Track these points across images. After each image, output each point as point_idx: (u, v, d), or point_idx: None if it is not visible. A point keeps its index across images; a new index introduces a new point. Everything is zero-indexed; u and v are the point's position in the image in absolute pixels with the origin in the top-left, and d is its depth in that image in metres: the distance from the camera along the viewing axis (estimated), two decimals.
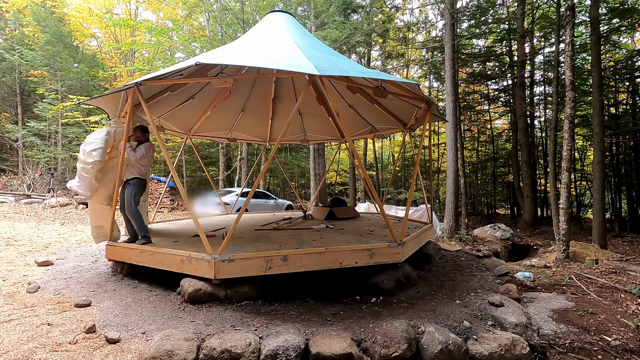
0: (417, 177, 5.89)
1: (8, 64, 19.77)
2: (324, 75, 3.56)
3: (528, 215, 15.08)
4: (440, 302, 3.87)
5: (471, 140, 22.19)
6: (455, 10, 12.83)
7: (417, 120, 6.69)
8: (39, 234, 7.95)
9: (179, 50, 20.67)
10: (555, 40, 12.42)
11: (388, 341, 2.88)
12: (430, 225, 6.24)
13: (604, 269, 6.33)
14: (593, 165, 10.95)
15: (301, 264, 3.76)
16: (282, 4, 17.32)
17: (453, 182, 11.44)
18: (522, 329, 3.36)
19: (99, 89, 20.46)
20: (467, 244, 10.47)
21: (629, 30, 15.05)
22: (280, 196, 22.12)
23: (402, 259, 4.21)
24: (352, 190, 18.76)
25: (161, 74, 4.14)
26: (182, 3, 17.79)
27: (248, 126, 8.50)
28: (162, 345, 2.61)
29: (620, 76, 15.65)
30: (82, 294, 3.79)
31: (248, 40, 5.17)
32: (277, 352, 2.68)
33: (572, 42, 7.82)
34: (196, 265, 3.65)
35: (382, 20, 18.21)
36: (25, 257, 5.52)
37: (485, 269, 5.49)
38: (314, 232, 5.43)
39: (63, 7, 21.79)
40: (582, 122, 16.14)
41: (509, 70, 17.56)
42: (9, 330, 2.89)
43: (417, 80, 22.51)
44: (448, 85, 11.81)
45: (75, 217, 11.69)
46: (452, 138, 11.47)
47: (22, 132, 18.76)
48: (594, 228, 10.53)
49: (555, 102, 10.82)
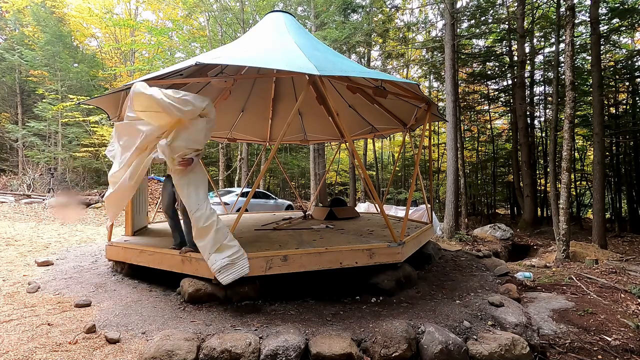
0: (417, 177, 5.89)
1: (8, 64, 19.77)
2: (324, 75, 3.56)
3: (528, 215, 15.08)
4: (440, 302, 3.87)
5: (471, 140, 22.19)
6: (455, 10, 12.84)
7: (417, 120, 6.68)
8: (39, 234, 7.94)
9: (179, 50, 20.68)
10: (555, 40, 12.42)
11: (388, 341, 2.88)
12: (430, 225, 6.24)
13: (604, 269, 6.33)
14: (593, 165, 10.96)
15: (301, 264, 3.76)
16: (282, 4, 17.33)
17: (453, 182, 11.44)
18: (522, 329, 3.36)
19: (99, 89, 20.47)
20: (467, 244, 10.48)
21: (629, 30, 15.07)
22: (280, 196, 22.12)
23: (402, 259, 4.21)
24: (352, 190, 18.77)
25: (161, 74, 4.14)
26: (182, 3, 17.80)
27: (248, 126, 8.50)
28: (162, 345, 2.61)
29: (620, 76, 15.66)
30: (82, 294, 3.79)
31: (248, 40, 5.17)
32: (277, 352, 2.68)
33: (572, 42, 7.83)
34: (196, 265, 3.65)
35: (382, 20, 18.22)
36: (25, 257, 5.52)
37: (485, 269, 5.49)
38: (314, 232, 5.42)
39: (63, 7, 21.80)
40: (582, 122, 16.15)
41: (509, 70, 17.56)
42: (9, 330, 2.89)
43: (417, 80, 22.51)
44: (448, 85, 11.82)
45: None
46: (452, 138, 11.48)
47: (22, 132, 18.76)
48: (594, 228, 10.54)
49: (555, 102, 10.82)
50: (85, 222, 10.71)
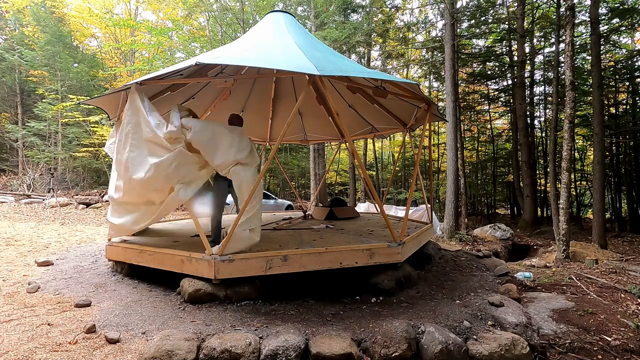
0: (417, 177, 5.89)
1: (8, 64, 19.78)
2: (324, 75, 3.56)
3: (528, 215, 15.08)
4: (440, 302, 3.87)
5: (471, 140, 22.19)
6: (455, 10, 12.84)
7: (417, 120, 6.68)
8: (39, 234, 7.94)
9: (179, 50, 20.68)
10: (555, 40, 12.42)
11: (388, 341, 2.88)
12: (430, 225, 6.24)
13: (604, 268, 6.33)
14: (593, 165, 10.96)
15: (301, 264, 3.75)
16: (282, 4, 17.33)
17: (453, 182, 11.44)
18: (522, 329, 3.35)
19: (99, 89, 20.47)
20: (467, 244, 10.48)
21: (629, 30, 15.07)
22: (280, 196, 22.12)
23: (402, 259, 4.21)
24: (352, 190, 18.77)
25: (161, 74, 4.13)
26: (182, 3, 17.80)
27: (248, 126, 8.39)
28: (162, 345, 2.60)
29: (620, 76, 15.66)
30: (82, 294, 3.79)
31: (248, 40, 5.17)
32: (277, 352, 2.68)
33: (572, 42, 7.83)
34: (196, 265, 3.65)
35: (382, 20, 18.21)
36: (25, 257, 5.52)
37: (485, 269, 5.49)
38: (314, 232, 5.42)
39: (63, 7, 21.81)
40: (582, 122, 16.15)
41: (509, 70, 17.56)
42: (9, 330, 2.89)
43: (417, 80, 22.50)
44: (448, 85, 11.81)
45: (75, 217, 11.68)
46: (452, 138, 11.48)
47: (22, 132, 18.77)
48: (594, 228, 10.54)
49: (555, 102, 10.83)
50: (85, 222, 10.71)
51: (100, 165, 19.06)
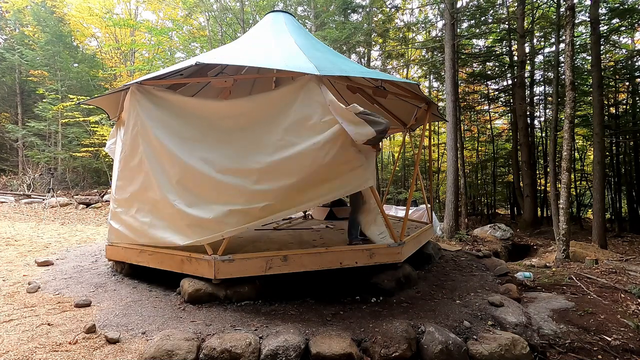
0: (417, 177, 5.89)
1: (8, 64, 19.76)
2: (324, 75, 3.56)
3: (528, 215, 15.07)
4: (440, 302, 3.87)
5: (471, 140, 22.17)
6: (455, 10, 12.83)
7: (417, 120, 6.68)
8: (39, 234, 7.94)
9: (179, 50, 20.69)
10: (555, 40, 12.42)
11: (388, 341, 2.88)
12: (430, 225, 6.24)
13: (604, 269, 6.32)
14: (593, 165, 10.96)
15: (301, 264, 3.76)
16: (282, 3, 17.33)
17: (453, 182, 11.44)
18: (522, 329, 3.36)
19: (99, 89, 20.45)
20: (467, 244, 10.47)
21: (629, 30, 15.06)
22: None
23: (402, 259, 4.21)
24: None
25: (161, 74, 4.14)
26: (182, 3, 17.81)
27: None
28: (162, 345, 2.61)
29: (620, 76, 15.65)
30: (82, 294, 3.79)
31: (248, 40, 5.17)
32: (277, 352, 2.68)
33: (572, 42, 7.82)
34: (196, 265, 3.65)
35: (382, 20, 18.21)
36: (25, 257, 5.52)
37: (485, 269, 5.49)
38: (314, 232, 5.43)
39: (63, 7, 21.79)
40: (582, 122, 16.13)
41: (509, 70, 17.55)
42: (9, 330, 2.89)
43: (417, 80, 22.49)
44: (448, 85, 11.81)
45: (75, 217, 11.68)
46: (452, 138, 11.47)
47: (22, 132, 18.75)
48: (594, 228, 10.54)
49: (555, 102, 10.83)
50: (85, 222, 10.71)
51: (100, 165, 19.04)
